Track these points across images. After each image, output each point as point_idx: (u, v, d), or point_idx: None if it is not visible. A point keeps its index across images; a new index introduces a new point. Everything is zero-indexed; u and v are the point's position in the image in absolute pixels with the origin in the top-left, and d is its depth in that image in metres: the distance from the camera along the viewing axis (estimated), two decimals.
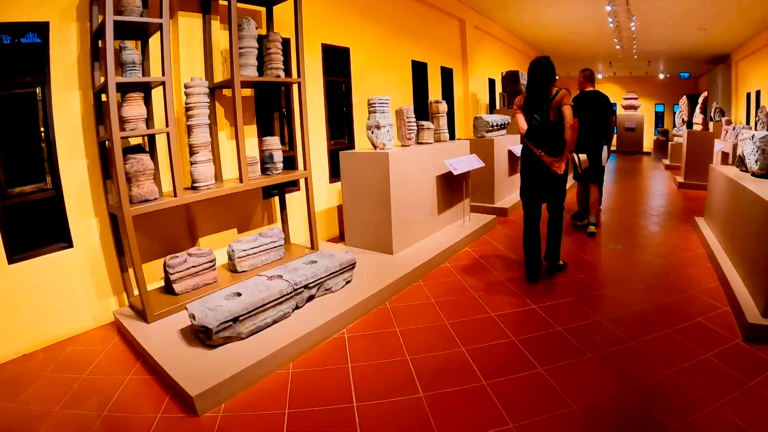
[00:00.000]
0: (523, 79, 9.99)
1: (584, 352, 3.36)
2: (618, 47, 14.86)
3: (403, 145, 5.65)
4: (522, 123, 4.33)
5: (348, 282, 4.39)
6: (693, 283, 4.62)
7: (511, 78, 10.07)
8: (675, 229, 6.70)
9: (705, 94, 10.38)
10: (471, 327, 3.83)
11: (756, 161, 5.02)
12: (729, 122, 12.81)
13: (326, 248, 5.29)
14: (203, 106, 4.18)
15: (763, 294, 3.52)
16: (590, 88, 6.21)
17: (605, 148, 6.13)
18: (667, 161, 14.65)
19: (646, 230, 6.76)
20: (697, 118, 10.36)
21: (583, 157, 5.21)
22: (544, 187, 4.37)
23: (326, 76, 6.39)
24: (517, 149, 7.92)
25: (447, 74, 9.83)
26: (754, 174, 5.07)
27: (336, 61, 6.62)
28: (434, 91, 9.22)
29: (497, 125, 7.93)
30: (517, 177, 8.39)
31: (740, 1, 9.58)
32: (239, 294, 3.48)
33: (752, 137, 5.19)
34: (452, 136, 9.63)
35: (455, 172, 5.72)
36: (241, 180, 4.43)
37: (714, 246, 5.27)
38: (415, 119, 5.65)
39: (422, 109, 8.49)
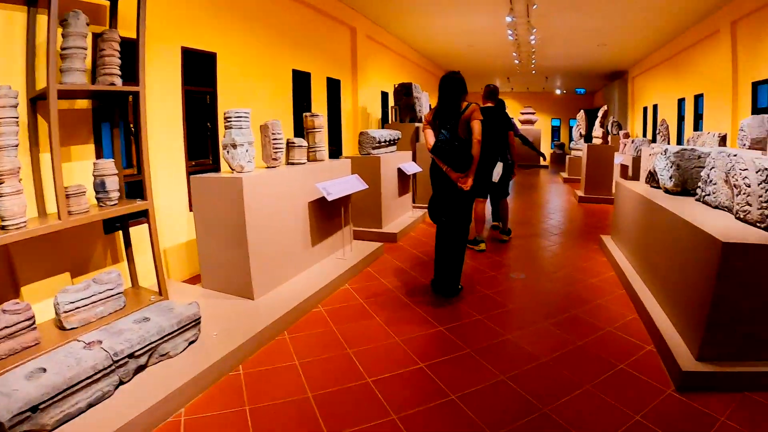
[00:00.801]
0: (417, 92, 9.36)
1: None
2: (517, 62, 14.91)
3: (268, 167, 4.64)
4: (430, 138, 4.19)
5: (192, 342, 3.31)
6: (608, 317, 4.03)
7: (403, 90, 9.35)
8: (580, 249, 6.25)
9: (605, 108, 10.40)
10: (341, 400, 2.86)
11: (670, 177, 4.57)
12: (627, 135, 13.13)
13: (179, 292, 4.30)
14: (10, 122, 2.98)
15: (696, 334, 2.99)
16: (489, 104, 6.13)
17: (499, 164, 5.94)
18: (565, 174, 14.84)
19: (549, 252, 6.24)
20: (597, 131, 10.34)
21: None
22: (449, 204, 4.19)
23: (186, 86, 5.23)
24: (408, 167, 7.31)
25: (334, 86, 8.82)
26: (667, 191, 4.64)
27: (200, 69, 5.41)
28: (319, 105, 8.14)
29: (385, 141, 7.10)
30: (408, 198, 7.76)
31: (639, 19, 9.72)
32: (44, 370, 2.57)
33: (665, 152, 4.77)
34: (338, 154, 8.77)
35: (329, 198, 4.76)
36: (59, 216, 3.24)
37: (626, 269, 4.79)
38: (282, 136, 4.65)
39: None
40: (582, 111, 14.57)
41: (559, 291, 4.69)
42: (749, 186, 3.21)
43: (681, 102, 11.35)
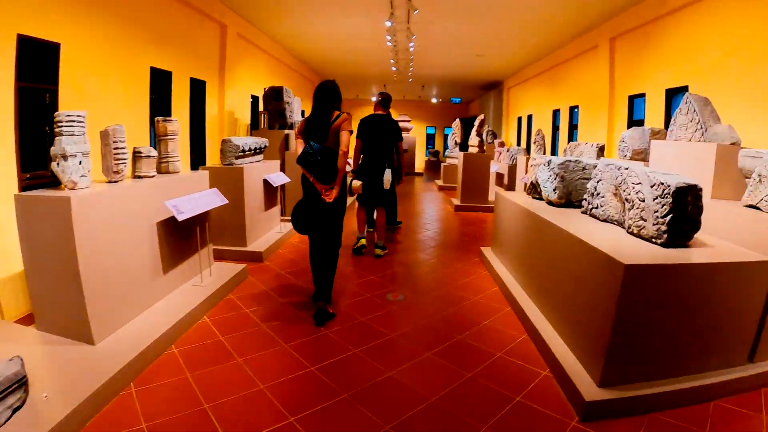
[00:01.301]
0: (287, 96, 8.57)
1: None
2: (394, 69, 14.77)
3: (108, 181, 3.64)
4: (300, 148, 3.96)
5: (17, 409, 2.37)
6: (497, 339, 3.68)
7: (273, 94, 8.48)
8: (461, 262, 5.95)
9: (481, 116, 10.51)
10: None
11: (554, 189, 4.39)
12: (502, 144, 13.55)
13: (8, 336, 3.29)
14: None
15: (597, 359, 2.74)
16: (381, 112, 6.11)
17: (388, 171, 5.87)
18: (440, 182, 15.00)
19: (428, 266, 5.83)
20: (473, 140, 10.40)
21: (356, 183, 4.85)
22: (317, 216, 3.99)
23: (21, 82, 3.99)
24: (275, 178, 6.58)
25: (198, 87, 7.65)
26: (551, 203, 4.47)
27: (39, 62, 4.19)
28: (180, 108, 6.98)
29: (251, 150, 6.24)
30: (277, 211, 7.03)
31: (518, 32, 9.99)
32: None
33: (548, 163, 4.60)
34: (199, 164, 7.65)
35: (180, 217, 3.85)
36: None
37: (511, 284, 4.53)
38: (125, 144, 3.68)
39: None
40: (458, 119, 14.85)
41: (442, 313, 4.26)
42: (643, 201, 3.00)
43: (556, 113, 12.00)
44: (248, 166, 5.92)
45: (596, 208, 3.74)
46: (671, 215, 2.77)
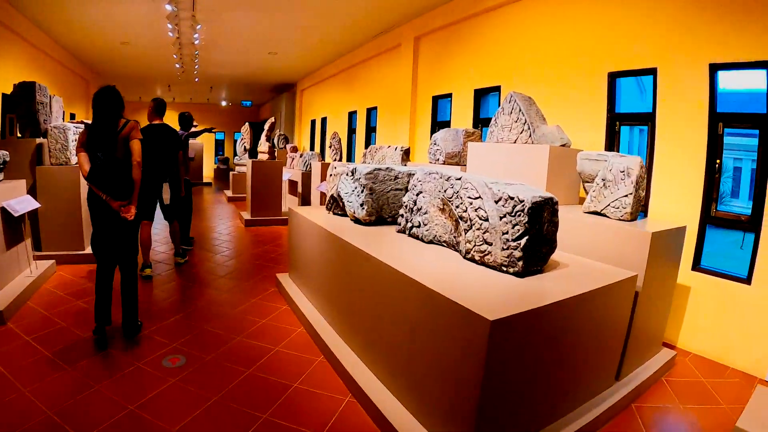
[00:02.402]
0: (42, 95, 6.23)
1: None
2: (178, 65, 12.71)
3: None
4: (85, 164, 3.56)
5: None
6: (317, 410, 2.71)
7: (24, 93, 6.20)
8: (256, 295, 4.79)
9: (272, 119, 9.40)
10: None
11: (362, 204, 3.62)
12: (294, 149, 12.62)
13: None
14: None
15: (460, 425, 2.06)
16: (158, 121, 5.50)
17: (165, 185, 5.45)
18: (229, 192, 13.51)
19: (216, 305, 4.52)
20: (263, 146, 9.28)
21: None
22: (115, 238, 3.61)
23: None
24: (17, 204, 4.58)
25: None
26: (358, 220, 3.69)
27: None
28: None
29: None
30: (23, 248, 4.99)
31: (314, 25, 9.12)
32: None
33: (352, 172, 3.81)
34: None
35: None
36: None
37: (319, 325, 3.62)
38: None
39: None
40: (247, 124, 13.57)
41: (237, 379, 3.10)
42: (486, 219, 2.36)
43: (352, 114, 11.48)
44: None
45: (418, 226, 3.07)
46: (526, 237, 2.19)
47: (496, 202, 2.29)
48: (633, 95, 7.48)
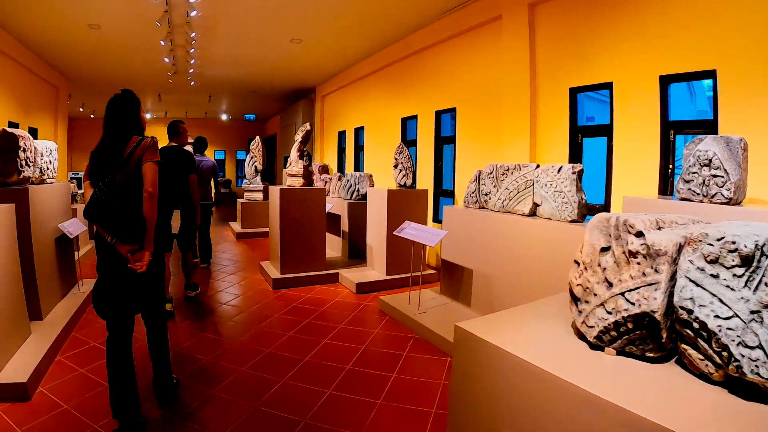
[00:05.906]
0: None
1: None
2: (167, 59, 9.87)
3: None
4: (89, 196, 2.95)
5: None
6: None
7: None
8: None
9: (306, 126, 6.48)
10: None
11: None
12: (325, 169, 9.84)
13: None
14: None
15: None
16: (174, 144, 5.11)
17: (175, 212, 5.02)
18: (237, 226, 10.66)
19: None
20: (296, 165, 6.41)
21: None
22: (126, 289, 2.77)
23: None
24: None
25: None
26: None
27: None
28: None
29: None
30: None
31: (348, 4, 6.54)
32: None
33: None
34: None
35: None
36: None
37: None
38: None
39: None
40: (258, 139, 10.83)
41: None
42: None
43: (407, 122, 8.82)
44: None
45: None
46: None
47: None
48: None
